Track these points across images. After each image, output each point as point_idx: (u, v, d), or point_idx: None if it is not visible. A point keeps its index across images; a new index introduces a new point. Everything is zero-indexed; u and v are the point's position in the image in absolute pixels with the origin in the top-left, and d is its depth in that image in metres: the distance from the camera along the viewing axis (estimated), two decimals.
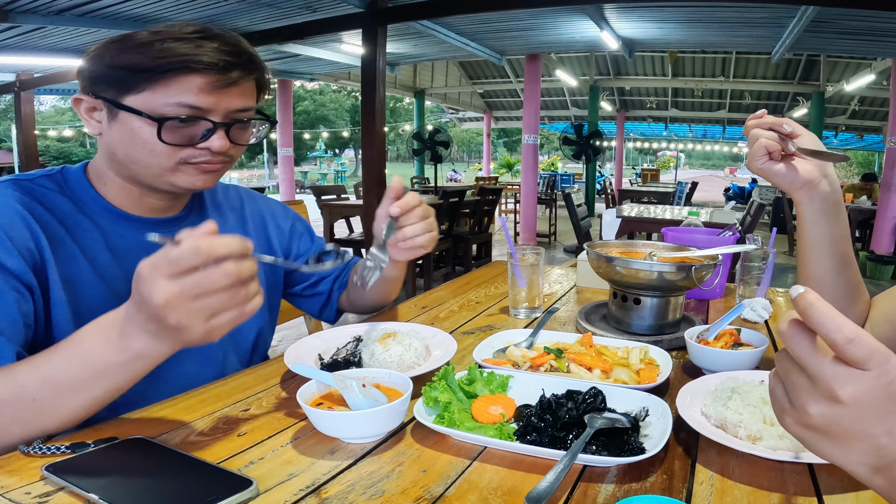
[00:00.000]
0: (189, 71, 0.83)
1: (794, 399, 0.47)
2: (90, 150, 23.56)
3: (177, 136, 0.86)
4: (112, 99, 0.85)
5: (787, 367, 0.48)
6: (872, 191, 8.61)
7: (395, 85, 13.35)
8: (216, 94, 0.86)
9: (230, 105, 0.88)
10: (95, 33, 6.73)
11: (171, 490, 0.61)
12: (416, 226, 1.02)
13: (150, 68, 0.82)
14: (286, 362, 0.91)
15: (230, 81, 0.86)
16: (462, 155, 45.18)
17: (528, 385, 0.82)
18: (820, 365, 0.44)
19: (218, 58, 0.84)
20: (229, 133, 0.90)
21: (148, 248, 0.77)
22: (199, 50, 0.83)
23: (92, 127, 0.90)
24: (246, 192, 1.22)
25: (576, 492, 0.62)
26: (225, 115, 0.88)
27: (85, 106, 0.88)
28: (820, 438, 0.46)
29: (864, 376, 0.43)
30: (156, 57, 0.82)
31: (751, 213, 5.14)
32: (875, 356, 0.42)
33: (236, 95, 0.89)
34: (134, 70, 0.83)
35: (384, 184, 5.49)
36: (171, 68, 0.82)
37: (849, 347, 0.43)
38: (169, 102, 0.83)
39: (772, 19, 6.61)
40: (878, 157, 20.52)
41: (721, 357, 0.95)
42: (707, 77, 12.10)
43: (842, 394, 0.43)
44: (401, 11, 5.40)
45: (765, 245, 1.34)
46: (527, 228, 9.11)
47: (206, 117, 0.86)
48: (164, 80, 0.83)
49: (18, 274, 0.79)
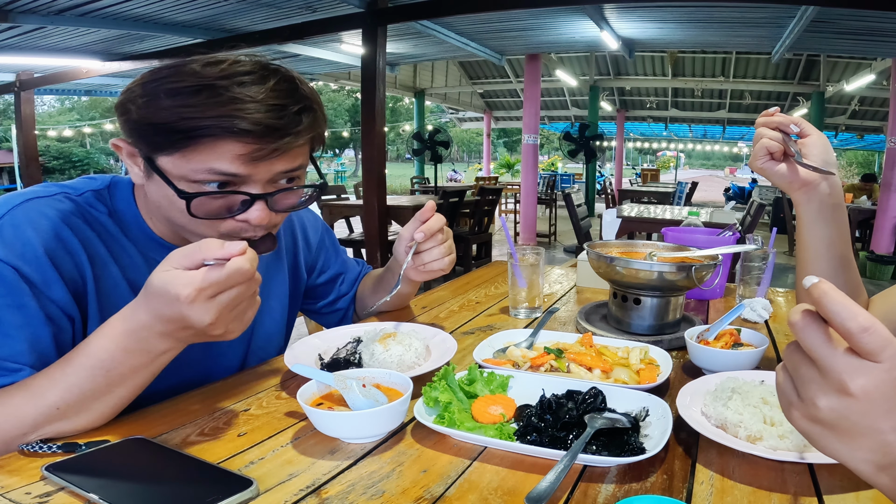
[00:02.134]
0: (223, 136, 0.72)
1: (803, 392, 0.46)
2: (90, 150, 23.54)
3: (210, 209, 0.77)
4: (146, 155, 0.76)
5: (796, 360, 0.47)
6: (872, 191, 8.61)
7: (395, 85, 13.35)
8: (256, 161, 0.75)
9: (272, 170, 0.77)
10: (95, 33, 6.73)
11: (171, 490, 0.61)
12: (435, 250, 1.06)
13: (179, 131, 0.71)
14: (286, 362, 0.91)
15: (274, 151, 0.74)
16: (462, 155, 45.18)
17: (528, 385, 0.82)
18: (832, 356, 0.44)
19: (260, 119, 0.72)
20: (270, 201, 0.79)
21: None
22: (234, 108, 0.71)
23: (134, 174, 0.81)
24: None
25: (576, 492, 0.62)
26: (267, 182, 0.78)
27: (126, 151, 0.80)
28: (827, 434, 0.46)
29: (876, 369, 0.42)
30: (183, 118, 0.71)
31: (751, 213, 5.14)
32: (888, 348, 0.42)
33: (280, 160, 0.77)
34: (161, 131, 0.72)
35: (384, 184, 5.49)
36: (201, 134, 0.71)
37: (863, 337, 0.42)
38: (199, 169, 0.73)
39: (772, 19, 6.61)
40: (878, 157, 20.51)
41: (721, 357, 0.95)
42: (707, 77, 12.10)
43: (852, 386, 0.43)
44: (401, 11, 5.40)
45: (765, 245, 1.34)
46: (527, 228, 9.11)
47: (240, 190, 0.76)
48: (193, 145, 0.72)
49: (62, 305, 0.77)
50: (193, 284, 0.63)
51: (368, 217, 5.40)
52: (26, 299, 0.74)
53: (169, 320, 0.65)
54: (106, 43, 7.30)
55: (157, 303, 0.65)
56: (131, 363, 0.69)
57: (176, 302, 0.63)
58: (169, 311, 0.64)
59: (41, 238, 0.77)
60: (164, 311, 0.65)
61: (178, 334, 0.67)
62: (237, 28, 6.84)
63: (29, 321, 0.74)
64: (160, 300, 0.64)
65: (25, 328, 0.74)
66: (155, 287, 0.64)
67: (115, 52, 7.74)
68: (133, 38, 7.07)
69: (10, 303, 0.73)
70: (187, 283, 0.63)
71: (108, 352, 0.68)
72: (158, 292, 0.64)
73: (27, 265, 0.75)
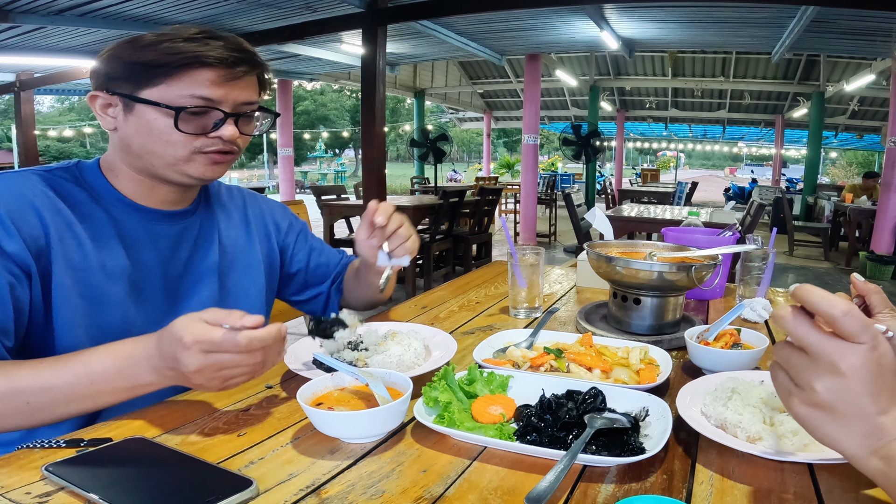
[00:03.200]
0: (200, 66, 0.89)
1: (800, 379, 0.50)
2: (90, 150, 23.54)
3: (191, 125, 0.92)
4: (128, 94, 0.91)
5: (787, 354, 0.52)
6: (874, 190, 8.60)
7: (395, 85, 13.35)
8: (225, 87, 0.92)
9: (237, 98, 0.95)
10: (95, 33, 6.73)
11: (171, 490, 0.61)
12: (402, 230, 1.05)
13: (165, 63, 0.89)
14: (286, 362, 0.91)
15: (237, 75, 0.93)
16: (462, 155, 45.18)
17: (528, 385, 0.82)
18: (821, 341, 0.48)
19: (226, 54, 0.91)
20: (237, 124, 0.96)
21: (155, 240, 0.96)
22: (208, 48, 0.90)
23: (106, 122, 0.95)
24: (248, 193, 1.26)
25: (576, 492, 0.62)
26: (233, 107, 0.94)
27: (100, 102, 0.94)
28: (826, 418, 0.49)
29: (859, 349, 0.47)
30: (169, 53, 0.88)
31: (751, 213, 5.14)
32: (868, 330, 0.47)
33: (242, 89, 0.95)
34: (149, 66, 0.89)
35: (384, 184, 5.50)
36: (185, 63, 0.89)
37: (845, 319, 0.47)
38: (183, 94, 0.90)
39: (772, 19, 6.61)
40: (878, 157, 20.52)
41: (721, 357, 0.95)
42: (707, 77, 12.10)
43: (843, 365, 0.47)
44: (401, 11, 5.40)
45: (765, 245, 1.34)
46: (527, 228, 9.11)
47: (217, 107, 0.92)
48: (177, 74, 0.89)
49: (17, 259, 0.82)
50: (195, 335, 0.71)
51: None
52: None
53: (165, 356, 0.74)
54: (106, 43, 7.28)
55: (167, 339, 0.73)
56: (115, 384, 0.76)
57: (178, 343, 0.72)
58: (169, 350, 0.73)
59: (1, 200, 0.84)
60: (167, 348, 0.73)
61: (166, 372, 0.75)
62: (237, 28, 6.84)
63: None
64: (169, 338, 0.73)
65: None
66: (174, 326, 0.73)
67: None
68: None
69: None
70: (192, 332, 0.71)
71: (104, 365, 0.76)
72: (172, 332, 0.73)
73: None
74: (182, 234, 1.03)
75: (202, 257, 1.05)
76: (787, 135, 16.54)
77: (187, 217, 1.04)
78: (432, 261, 5.42)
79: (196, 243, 1.05)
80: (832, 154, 24.74)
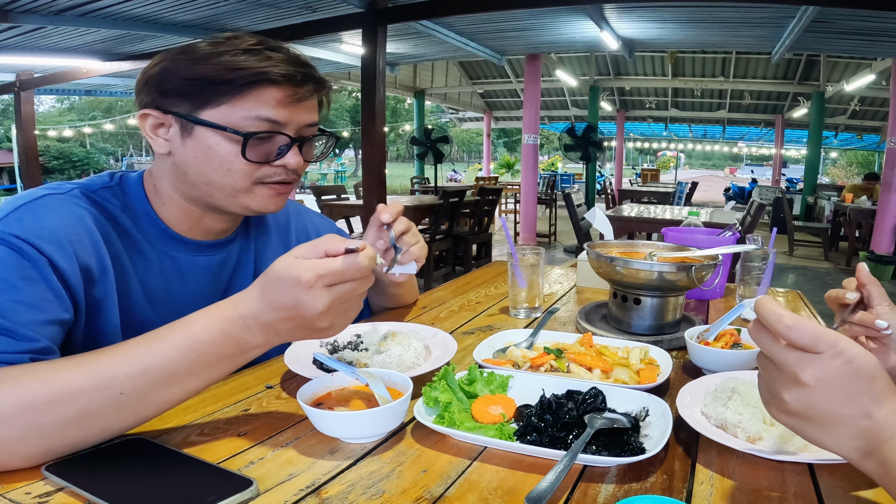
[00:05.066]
0: (268, 83, 0.81)
1: (772, 389, 0.52)
2: (90, 150, 23.47)
3: (255, 153, 0.84)
4: (187, 114, 0.82)
5: (763, 363, 0.53)
6: (873, 190, 8.60)
7: (395, 85, 13.34)
8: (290, 108, 0.84)
9: (302, 119, 0.86)
10: (95, 33, 6.73)
11: (171, 490, 0.61)
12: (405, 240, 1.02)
13: (229, 80, 0.80)
14: (286, 362, 0.91)
15: (303, 95, 0.84)
16: (462, 155, 45.17)
17: (528, 385, 0.82)
18: (781, 353, 0.50)
19: (292, 70, 0.82)
20: (303, 148, 0.88)
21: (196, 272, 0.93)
22: (271, 62, 0.81)
23: (159, 145, 0.85)
24: (296, 209, 1.20)
25: (576, 492, 0.62)
26: (297, 130, 0.86)
27: (151, 122, 0.84)
28: (806, 424, 0.50)
29: (819, 359, 0.47)
30: (233, 68, 0.79)
31: (751, 213, 5.14)
32: (822, 340, 0.47)
33: (306, 110, 0.87)
34: (211, 82, 0.80)
35: (384, 184, 5.49)
36: (251, 80, 0.80)
37: (791, 334, 0.48)
38: (248, 116, 0.81)
39: (772, 19, 6.60)
40: (878, 157, 20.52)
41: (721, 357, 0.95)
42: (707, 77, 12.09)
43: (804, 376, 0.48)
44: (401, 11, 5.39)
45: (765, 245, 1.34)
46: (527, 228, 9.11)
47: (282, 132, 0.84)
48: (242, 92, 0.80)
49: (72, 288, 0.79)
50: (314, 270, 0.64)
51: (368, 217, 5.39)
52: (45, 272, 0.75)
53: (281, 307, 0.65)
54: (106, 43, 7.30)
55: (273, 288, 0.65)
56: (223, 350, 0.67)
57: (296, 286, 0.64)
58: (285, 297, 0.65)
59: (63, 224, 0.79)
60: (280, 296, 0.65)
61: (282, 326, 0.67)
62: (237, 28, 6.83)
63: (45, 295, 0.75)
64: (278, 285, 0.65)
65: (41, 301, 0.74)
66: (275, 272, 0.65)
67: (115, 52, 7.74)
68: (133, 38, 7.07)
69: (28, 275, 0.74)
70: (309, 269, 0.64)
71: (210, 332, 0.66)
72: (279, 277, 0.65)
73: (46, 244, 0.76)
74: (221, 265, 1.00)
75: (238, 285, 1.02)
76: (787, 135, 16.54)
77: (227, 246, 1.00)
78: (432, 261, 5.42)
79: (234, 272, 1.02)
80: (832, 154, 24.75)
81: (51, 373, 0.64)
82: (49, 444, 0.63)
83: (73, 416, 0.62)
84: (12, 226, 0.75)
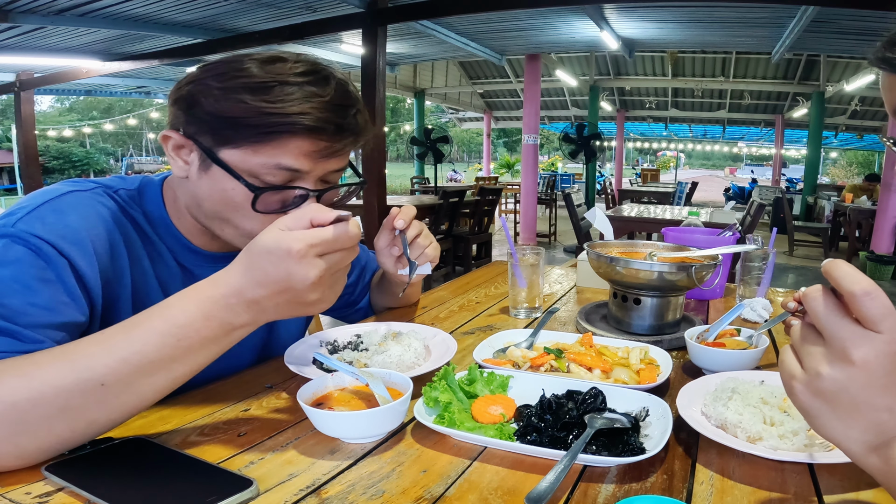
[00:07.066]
0: (297, 133, 0.75)
1: (807, 363, 0.48)
2: (90, 150, 23.47)
3: (269, 203, 0.79)
4: (207, 148, 0.77)
5: (804, 333, 0.49)
6: (874, 191, 8.61)
7: (395, 85, 13.34)
8: (317, 160, 0.79)
9: (327, 168, 0.81)
10: (95, 33, 6.73)
11: (171, 490, 0.61)
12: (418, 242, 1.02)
13: (254, 125, 0.74)
14: (286, 362, 0.91)
15: (335, 150, 0.79)
16: (462, 155, 45.17)
17: (529, 385, 0.82)
18: (838, 324, 0.46)
19: (331, 118, 0.76)
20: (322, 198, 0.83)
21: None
22: (310, 105, 0.75)
23: (178, 168, 0.82)
24: None
25: (576, 492, 0.62)
26: (320, 179, 0.82)
27: (173, 143, 0.81)
28: (826, 410, 0.47)
29: (876, 339, 0.44)
30: (263, 113, 0.74)
31: (751, 213, 5.14)
32: (889, 318, 0.44)
33: (336, 159, 0.81)
34: (236, 124, 0.75)
35: (384, 184, 5.49)
36: (277, 129, 0.74)
37: (865, 300, 0.44)
38: (268, 164, 0.76)
39: (772, 19, 6.61)
40: (878, 157, 20.52)
41: (721, 357, 0.95)
42: (707, 77, 12.09)
43: (855, 355, 0.44)
44: (401, 11, 5.39)
45: (765, 245, 1.34)
46: (527, 228, 9.11)
47: (300, 185, 0.79)
48: (266, 140, 0.75)
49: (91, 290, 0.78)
50: (305, 240, 0.62)
51: (368, 217, 5.39)
52: (64, 274, 0.74)
53: (269, 281, 0.63)
54: (106, 43, 7.30)
55: (260, 262, 0.63)
56: (205, 333, 0.64)
57: (287, 257, 0.61)
58: (274, 270, 0.62)
59: (85, 223, 0.78)
60: (269, 269, 0.62)
61: (269, 301, 0.64)
62: (237, 28, 6.84)
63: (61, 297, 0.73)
64: (266, 258, 0.62)
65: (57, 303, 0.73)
66: (261, 245, 0.63)
67: (115, 52, 7.74)
68: (133, 38, 7.07)
69: (46, 277, 0.73)
70: (299, 239, 0.62)
71: (188, 315, 0.64)
72: (266, 249, 0.62)
73: (68, 244, 0.75)
74: None
75: None
76: (787, 135, 16.55)
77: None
78: None
79: None
80: (832, 154, 24.77)
81: (31, 368, 0.62)
82: (38, 441, 0.62)
83: (57, 411, 0.61)
84: (34, 224, 0.74)
